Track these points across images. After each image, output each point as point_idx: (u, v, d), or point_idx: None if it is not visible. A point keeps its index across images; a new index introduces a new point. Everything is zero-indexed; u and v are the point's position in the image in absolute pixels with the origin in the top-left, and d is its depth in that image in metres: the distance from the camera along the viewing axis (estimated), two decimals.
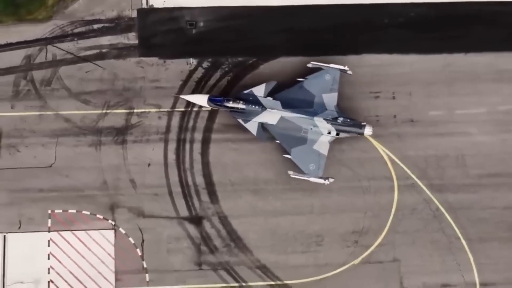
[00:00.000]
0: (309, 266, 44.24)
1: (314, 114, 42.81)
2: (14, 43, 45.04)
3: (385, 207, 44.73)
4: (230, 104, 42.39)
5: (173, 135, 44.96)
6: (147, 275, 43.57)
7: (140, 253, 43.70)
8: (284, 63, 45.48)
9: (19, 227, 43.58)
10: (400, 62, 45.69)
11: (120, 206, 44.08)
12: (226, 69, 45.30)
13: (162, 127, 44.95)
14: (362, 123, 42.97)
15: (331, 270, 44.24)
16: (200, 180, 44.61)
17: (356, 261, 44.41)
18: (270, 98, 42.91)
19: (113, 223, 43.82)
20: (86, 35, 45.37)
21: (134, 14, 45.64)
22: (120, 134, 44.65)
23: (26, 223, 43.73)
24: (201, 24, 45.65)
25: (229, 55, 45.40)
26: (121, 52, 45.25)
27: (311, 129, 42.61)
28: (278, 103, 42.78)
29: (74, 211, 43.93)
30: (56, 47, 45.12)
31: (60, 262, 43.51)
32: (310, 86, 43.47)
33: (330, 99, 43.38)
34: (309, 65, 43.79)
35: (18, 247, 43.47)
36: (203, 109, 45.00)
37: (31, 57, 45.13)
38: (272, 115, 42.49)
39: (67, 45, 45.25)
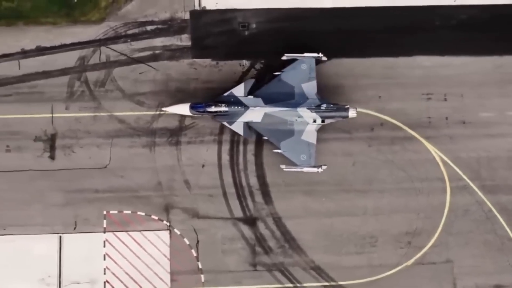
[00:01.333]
0: (363, 267, 45.11)
1: (296, 105, 43.77)
2: (68, 45, 46.04)
3: (437, 208, 45.64)
4: (213, 109, 43.38)
5: (226, 136, 45.90)
6: (202, 275, 44.48)
7: (195, 254, 44.63)
8: (336, 65, 46.43)
9: (75, 228, 44.51)
10: (451, 63, 46.73)
11: (175, 207, 44.98)
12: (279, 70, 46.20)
13: (216, 128, 45.96)
14: (346, 106, 43.79)
15: (384, 271, 45.14)
16: (254, 181, 45.56)
17: (409, 262, 45.30)
18: (251, 97, 43.99)
19: (168, 224, 44.74)
20: (139, 36, 46.34)
21: (187, 15, 46.60)
22: (174, 135, 45.61)
23: (82, 224, 44.65)
24: (254, 25, 46.64)
25: (281, 56, 46.17)
26: (174, 53, 46.25)
27: (296, 120, 43.57)
28: (259, 100, 43.82)
29: (129, 212, 44.84)
30: (110, 48, 46.08)
31: (115, 262, 44.38)
32: (288, 78, 44.45)
33: (309, 87, 44.33)
34: (284, 58, 44.70)
35: (74, 247, 44.37)
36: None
37: (85, 59, 46.06)
38: (256, 113, 43.55)
39: (120, 47, 46.20)
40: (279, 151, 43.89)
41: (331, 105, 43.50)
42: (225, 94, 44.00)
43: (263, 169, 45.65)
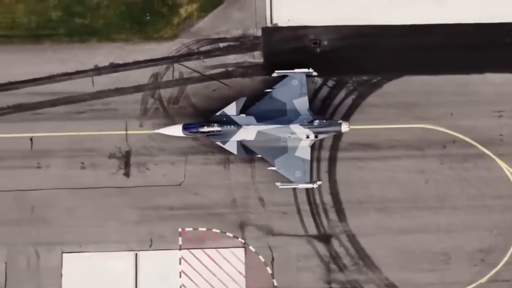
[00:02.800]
0: (436, 284, 46.21)
1: (289, 121, 44.62)
2: (141, 61, 47.03)
3: (510, 225, 46.59)
4: (205, 129, 44.26)
5: None
6: None
7: (270, 271, 45.64)
8: (406, 82, 47.47)
9: (151, 245, 45.48)
10: None
11: (250, 224, 45.97)
12: (351, 87, 47.35)
13: None
14: (338, 121, 44.76)
15: None
16: (327, 198, 46.60)
17: (483, 280, 46.33)
18: (243, 115, 44.81)
19: (243, 241, 45.75)
20: (212, 53, 47.35)
21: (259, 32, 47.63)
22: (249, 153, 46.40)
23: (157, 241, 45.65)
24: (325, 42, 47.67)
25: (353, 73, 47.33)
26: (246, 70, 47.25)
27: (289, 136, 44.48)
28: (252, 118, 44.69)
29: (205, 229, 45.86)
30: (183, 65, 47.11)
31: (191, 280, 45.40)
32: (279, 95, 45.33)
33: (301, 103, 45.21)
34: (274, 75, 45.76)
35: (150, 265, 45.29)
36: None
37: (158, 76, 47.06)
38: (249, 131, 44.40)
39: (193, 64, 47.19)
40: (273, 168, 44.84)
41: (324, 121, 44.39)
42: (217, 113, 44.89)
43: (336, 187, 46.65)
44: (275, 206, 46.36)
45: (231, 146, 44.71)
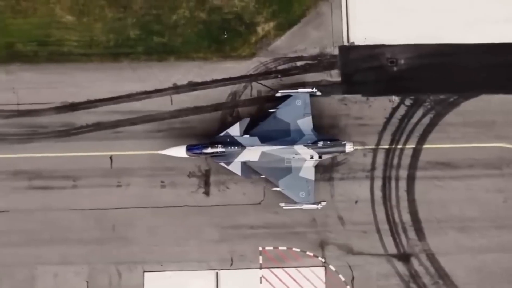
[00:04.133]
0: None
1: (293, 142, 45.23)
2: (219, 80, 47.93)
3: None
4: (209, 150, 44.84)
5: (378, 172, 47.68)
6: None
7: None
8: (485, 101, 48.24)
9: (231, 264, 46.31)
10: None
11: (330, 243, 46.81)
12: (428, 106, 48.14)
13: (368, 165, 47.72)
14: (343, 142, 45.33)
15: None
16: (406, 217, 47.39)
17: None
18: (247, 136, 45.39)
19: (323, 260, 46.56)
20: (290, 72, 48.26)
21: (336, 51, 48.44)
22: (327, 171, 47.44)
23: (238, 260, 46.50)
24: (402, 61, 48.49)
25: (430, 92, 48.09)
26: (324, 89, 48.01)
27: (294, 157, 45.08)
28: (255, 138, 45.28)
29: (285, 248, 46.68)
30: (261, 84, 47.94)
31: None
32: (283, 115, 45.94)
33: (305, 124, 45.80)
34: (278, 95, 46.39)
35: (231, 284, 46.32)
36: (407, 146, 47.57)
37: (236, 94, 47.95)
38: (253, 152, 45.02)
39: (271, 82, 48.11)
40: (277, 189, 45.49)
41: (328, 142, 45.05)
42: (221, 134, 45.48)
43: (415, 206, 47.42)
44: (355, 225, 47.13)
45: (235, 167, 45.39)
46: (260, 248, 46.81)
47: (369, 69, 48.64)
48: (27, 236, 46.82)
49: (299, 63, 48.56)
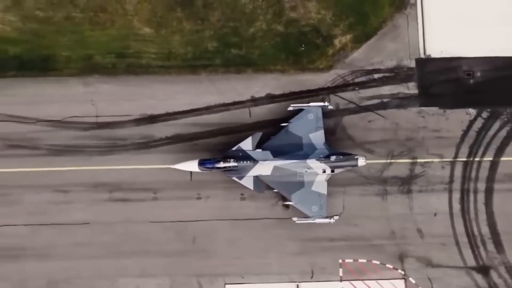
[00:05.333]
0: None
1: (305, 156, 45.73)
2: (297, 92, 48.66)
3: None
4: (221, 165, 45.39)
5: (456, 185, 48.44)
6: None
7: None
8: None
9: (312, 276, 47.05)
10: None
11: (409, 256, 47.55)
12: (505, 119, 48.91)
13: (446, 177, 48.43)
14: (355, 156, 45.89)
15: None
16: (485, 230, 48.16)
17: None
18: (259, 150, 45.91)
19: (403, 272, 47.28)
20: (367, 84, 48.96)
21: (413, 63, 49.15)
22: (405, 183, 48.14)
23: (318, 273, 47.27)
24: (478, 74, 49.22)
25: (507, 105, 48.79)
26: (401, 101, 48.79)
27: (306, 171, 45.63)
28: (268, 153, 45.82)
29: (364, 260, 47.32)
30: (339, 96, 48.61)
31: None
32: (295, 129, 46.49)
33: (317, 137, 46.38)
34: (290, 108, 46.98)
35: None
36: (485, 159, 48.29)
37: None
38: (265, 167, 45.58)
39: (349, 95, 48.81)
40: (290, 203, 46.09)
41: (341, 156, 45.57)
42: (233, 148, 45.95)
43: (493, 218, 48.13)
44: (434, 237, 47.84)
45: (247, 181, 45.88)
46: (340, 261, 47.47)
47: (446, 82, 49.29)
48: (108, 248, 47.45)
49: (376, 76, 49.21)
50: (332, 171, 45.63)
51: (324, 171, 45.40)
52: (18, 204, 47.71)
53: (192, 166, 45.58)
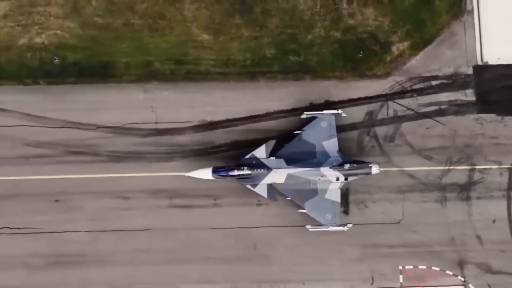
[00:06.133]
0: None
1: (319, 164, 46.12)
2: (355, 99, 49.14)
3: None
4: (235, 173, 45.75)
5: None
6: None
7: None
8: None
9: (372, 283, 47.51)
10: None
11: (468, 262, 47.96)
12: None
13: (504, 184, 49.00)
14: (369, 164, 46.30)
15: None
16: None
17: None
18: (273, 158, 46.27)
19: (463, 279, 47.72)
20: (425, 91, 49.43)
21: (470, 70, 49.62)
22: (464, 190, 48.62)
23: (379, 279, 47.75)
24: None
25: None
26: (459, 108, 49.29)
27: (319, 179, 46.02)
28: (281, 161, 46.18)
29: (424, 267, 47.71)
30: (397, 103, 49.15)
31: None
32: (308, 137, 46.83)
33: (331, 145, 46.74)
34: (303, 116, 47.25)
35: None
36: None
37: (373, 113, 49.12)
38: (279, 174, 45.93)
39: (407, 101, 49.27)
40: (303, 211, 46.41)
41: (354, 164, 45.95)
42: (247, 156, 46.28)
43: None
44: (493, 244, 48.33)
45: (261, 189, 46.24)
46: (400, 267, 47.86)
47: (503, 88, 49.80)
48: (169, 254, 47.97)
49: (434, 82, 49.69)
50: (346, 179, 46.04)
51: (337, 179, 45.90)
52: (79, 210, 48.07)
53: (206, 173, 46.00)
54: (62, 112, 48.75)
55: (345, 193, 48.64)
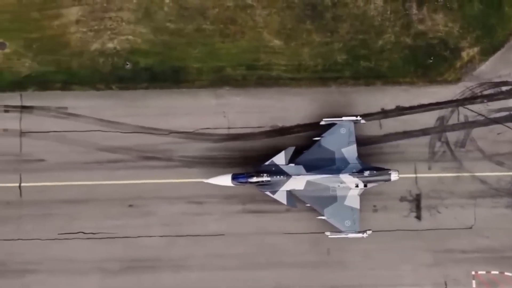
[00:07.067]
0: None
1: (338, 171, 46.40)
2: (426, 104, 49.64)
3: None
4: (254, 179, 46.04)
5: None
6: None
7: None
8: None
9: None
10: None
11: None
12: None
13: None
14: (389, 171, 46.62)
15: None
16: None
17: None
18: (292, 165, 46.55)
19: None
20: (495, 97, 49.96)
21: None
22: None
23: (452, 284, 48.47)
24: None
25: None
26: None
27: (339, 186, 46.33)
28: (301, 167, 46.48)
29: (497, 272, 48.19)
30: (467, 109, 49.54)
31: None
32: (328, 143, 47.09)
33: (350, 152, 46.96)
34: (322, 123, 47.50)
35: None
36: None
37: (444, 119, 49.59)
38: (298, 181, 46.17)
39: (477, 107, 49.77)
40: (323, 217, 46.70)
41: (374, 171, 46.26)
42: (266, 163, 46.63)
43: None
44: None
45: (280, 196, 46.48)
46: (473, 272, 48.28)
47: None
48: (243, 259, 48.43)
49: (504, 88, 50.19)
50: (365, 185, 46.33)
51: (356, 186, 46.15)
52: (152, 215, 48.63)
53: (225, 180, 46.38)
54: (135, 117, 49.07)
55: (416, 198, 48.71)
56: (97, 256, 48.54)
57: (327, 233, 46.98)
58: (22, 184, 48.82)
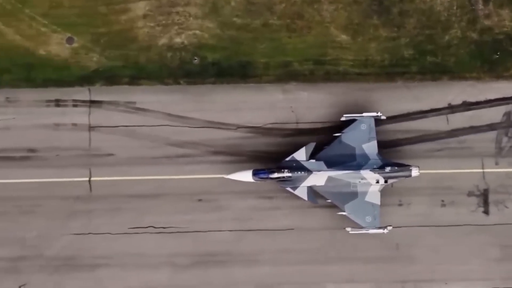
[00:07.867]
0: None
1: (359, 167, 46.77)
2: (493, 100, 50.11)
3: None
4: (275, 175, 46.38)
5: None
6: None
7: None
8: None
9: None
10: None
11: None
12: None
13: None
14: (410, 168, 46.98)
15: None
16: None
17: None
18: (313, 161, 46.95)
19: None
20: None
21: None
22: None
23: None
24: None
25: None
26: None
27: (359, 182, 46.67)
28: (321, 163, 46.91)
29: None
30: None
31: None
32: (348, 139, 47.43)
33: (370, 148, 47.31)
34: (343, 119, 47.84)
35: None
36: None
37: (510, 114, 50.05)
38: (319, 177, 46.57)
39: None
40: (343, 213, 47.15)
41: (396, 167, 46.58)
42: (287, 159, 46.95)
43: None
44: None
45: (301, 192, 46.84)
46: None
47: None
48: (313, 254, 48.85)
49: None
50: (386, 181, 46.61)
51: (377, 182, 46.42)
52: (224, 210, 48.99)
53: (246, 176, 46.64)
54: (203, 112, 49.38)
55: (483, 193, 49.18)
56: (167, 251, 48.86)
57: (348, 229, 47.27)
58: (92, 179, 48.94)
